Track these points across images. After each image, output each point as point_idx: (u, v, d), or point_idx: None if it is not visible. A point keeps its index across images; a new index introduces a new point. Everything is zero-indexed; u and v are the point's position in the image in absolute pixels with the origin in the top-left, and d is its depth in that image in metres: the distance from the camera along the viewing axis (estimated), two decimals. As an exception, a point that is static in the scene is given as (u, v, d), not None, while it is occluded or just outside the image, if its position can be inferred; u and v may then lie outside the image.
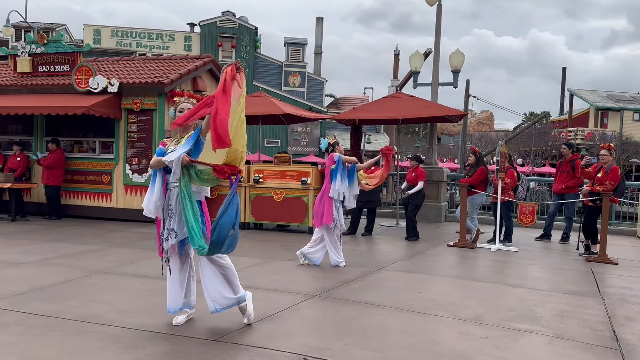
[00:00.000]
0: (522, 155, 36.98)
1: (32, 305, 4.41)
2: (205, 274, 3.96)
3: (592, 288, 5.86)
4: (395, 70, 35.40)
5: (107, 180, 10.53)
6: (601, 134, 33.90)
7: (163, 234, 3.96)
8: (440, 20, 12.87)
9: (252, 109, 10.73)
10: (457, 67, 12.72)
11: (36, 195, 10.92)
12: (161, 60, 11.57)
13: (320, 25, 36.86)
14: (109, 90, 10.15)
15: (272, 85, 32.13)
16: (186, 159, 3.78)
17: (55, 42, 11.06)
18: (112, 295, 4.86)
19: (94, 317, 4.13)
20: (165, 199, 3.98)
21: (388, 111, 11.33)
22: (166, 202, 3.96)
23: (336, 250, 6.59)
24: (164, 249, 3.99)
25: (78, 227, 9.45)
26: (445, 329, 4.17)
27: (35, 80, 10.95)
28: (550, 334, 4.12)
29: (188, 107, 4.09)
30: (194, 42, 32.75)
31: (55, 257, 6.59)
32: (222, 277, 3.98)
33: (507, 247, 8.47)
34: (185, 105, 4.14)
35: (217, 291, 3.96)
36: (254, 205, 9.66)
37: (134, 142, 10.34)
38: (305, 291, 5.17)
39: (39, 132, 11.06)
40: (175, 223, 3.92)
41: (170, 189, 3.93)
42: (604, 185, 7.61)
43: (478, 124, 55.34)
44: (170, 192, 3.93)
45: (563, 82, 43.01)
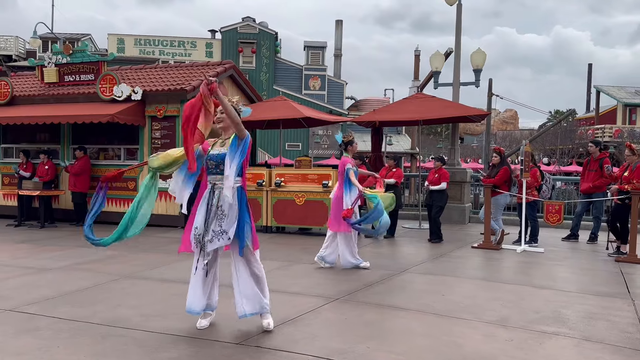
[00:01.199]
0: (548, 154, 36.33)
1: (61, 310, 4.50)
2: (241, 276, 3.96)
3: (622, 289, 5.73)
4: (416, 71, 35.17)
5: (132, 187, 10.70)
6: (630, 131, 33.12)
7: (207, 235, 3.84)
8: (460, 20, 12.76)
9: (272, 113, 10.81)
10: (479, 66, 12.59)
11: (64, 202, 11.16)
12: (183, 68, 11.73)
13: (339, 28, 36.89)
14: (133, 98, 10.33)
15: (293, 89, 32.26)
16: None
17: (81, 52, 11.31)
18: (138, 299, 4.93)
19: (120, 321, 4.20)
20: (208, 199, 3.90)
21: (409, 112, 11.27)
22: (211, 203, 3.86)
23: (351, 251, 6.53)
24: (206, 251, 3.88)
25: (105, 232, 9.56)
26: (470, 331, 4.12)
27: (62, 89, 11.20)
28: (577, 337, 4.03)
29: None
30: (215, 48, 33.11)
31: (83, 262, 6.72)
32: (254, 282, 3.98)
33: (533, 248, 8.33)
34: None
35: (252, 294, 3.94)
36: (275, 208, 9.71)
37: (158, 149, 10.48)
38: (328, 294, 5.17)
39: (66, 140, 11.31)
40: (227, 224, 3.82)
41: (215, 189, 3.90)
42: (632, 183, 7.45)
43: (502, 123, 54.62)
44: (215, 192, 3.88)
45: (589, 78, 42.20)
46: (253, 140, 12.80)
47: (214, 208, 3.84)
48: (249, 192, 9.91)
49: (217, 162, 3.91)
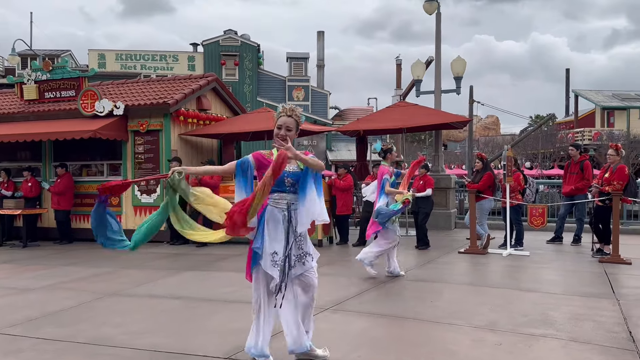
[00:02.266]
0: (530, 158, 36.77)
1: (44, 331, 4.42)
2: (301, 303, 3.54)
3: (606, 289, 5.80)
4: (398, 80, 35.46)
5: (116, 202, 10.57)
6: (608, 133, 33.69)
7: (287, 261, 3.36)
8: (440, 28, 12.92)
9: (257, 125, 10.80)
10: (459, 73, 12.75)
11: (47, 220, 11.00)
12: (165, 81, 11.69)
13: (321, 39, 37.11)
14: (115, 113, 10.25)
15: (276, 100, 32.28)
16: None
17: (61, 68, 11.22)
18: (124, 317, 4.87)
19: (105, 340, 4.14)
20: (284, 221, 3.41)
21: (392, 121, 11.35)
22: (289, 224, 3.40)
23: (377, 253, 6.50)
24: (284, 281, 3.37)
25: (89, 250, 9.49)
26: (460, 337, 4.13)
27: (42, 106, 11.09)
28: (565, 338, 4.07)
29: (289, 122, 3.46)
30: (198, 61, 33.07)
31: (67, 281, 6.62)
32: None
33: (518, 251, 8.40)
34: (284, 120, 3.46)
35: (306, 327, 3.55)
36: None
37: (142, 163, 10.41)
38: (317, 304, 5.13)
39: (48, 158, 11.17)
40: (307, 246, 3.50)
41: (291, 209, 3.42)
42: (613, 185, 7.56)
43: (484, 129, 55.17)
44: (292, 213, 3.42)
45: (567, 83, 42.88)
46: (238, 152, 12.81)
47: (293, 230, 3.41)
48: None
49: (294, 181, 3.40)
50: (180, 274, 6.98)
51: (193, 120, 10.81)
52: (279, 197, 3.40)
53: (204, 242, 9.57)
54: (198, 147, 11.26)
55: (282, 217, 3.39)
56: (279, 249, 3.36)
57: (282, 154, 3.12)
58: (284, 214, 3.39)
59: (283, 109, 3.49)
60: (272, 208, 3.40)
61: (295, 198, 3.41)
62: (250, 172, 3.39)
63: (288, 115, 3.45)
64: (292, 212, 3.40)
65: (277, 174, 3.15)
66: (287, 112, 3.47)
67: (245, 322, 4.56)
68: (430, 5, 12.67)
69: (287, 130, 3.41)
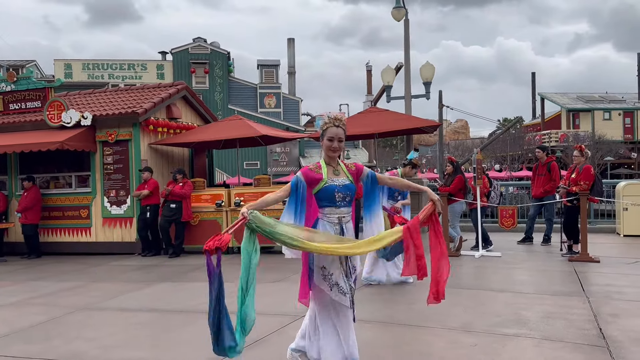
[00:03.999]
0: (499, 160, 37.49)
1: (14, 348, 4.29)
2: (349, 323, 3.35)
3: (577, 287, 5.93)
4: (369, 86, 35.77)
5: (85, 215, 10.37)
6: (574, 135, 34.60)
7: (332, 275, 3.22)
8: (408, 35, 13.10)
9: (229, 133, 10.74)
10: (428, 79, 12.93)
11: (14, 235, 10.69)
12: (134, 90, 11.54)
13: (292, 46, 37.21)
14: (83, 124, 10.06)
15: (248, 107, 32.20)
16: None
17: (25, 79, 10.96)
18: (96, 331, 4.76)
19: (78, 355, 4.04)
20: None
21: (364, 126, 11.42)
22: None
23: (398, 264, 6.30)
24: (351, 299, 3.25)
25: (58, 264, 9.26)
26: (435, 339, 4.17)
27: (7, 118, 10.80)
28: (537, 337, 4.14)
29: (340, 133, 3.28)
30: (167, 70, 32.74)
31: (36, 296, 6.44)
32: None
33: (490, 252, 8.53)
34: (335, 131, 3.27)
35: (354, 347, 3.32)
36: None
37: (111, 174, 10.23)
38: (293, 312, 5.12)
39: (13, 171, 10.88)
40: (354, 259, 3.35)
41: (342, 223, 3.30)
42: (579, 185, 7.76)
43: (454, 133, 56.06)
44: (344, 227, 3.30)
45: (533, 86, 43.94)
46: (210, 161, 12.70)
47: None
48: (208, 213, 9.81)
49: (344, 194, 3.28)
50: (153, 286, 6.86)
51: (163, 129, 10.68)
52: (330, 212, 3.28)
53: (178, 253, 9.47)
54: (169, 156, 11.13)
55: (334, 231, 3.26)
56: (328, 264, 3.21)
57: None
58: (335, 229, 3.27)
59: (329, 119, 3.30)
60: (324, 222, 3.28)
61: (346, 212, 3.31)
62: (303, 191, 3.27)
63: (336, 125, 3.28)
64: (343, 225, 3.30)
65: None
66: (334, 122, 3.28)
67: (221, 332, 4.52)
68: (398, 12, 12.84)
69: (339, 142, 3.28)
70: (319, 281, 3.22)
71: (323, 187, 3.24)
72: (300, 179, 3.27)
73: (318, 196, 3.26)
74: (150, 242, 9.83)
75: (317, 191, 3.26)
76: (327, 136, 3.27)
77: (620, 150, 35.08)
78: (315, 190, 3.26)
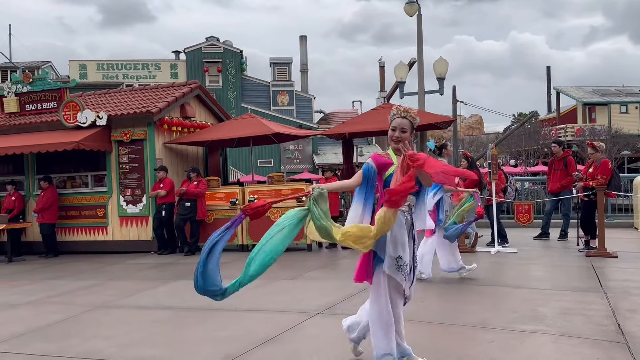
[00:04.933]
0: (515, 155, 37.12)
1: (32, 346, 4.35)
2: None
3: (594, 283, 5.85)
4: (382, 82, 35.68)
5: (101, 214, 10.48)
6: (590, 129, 34.14)
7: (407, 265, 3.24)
8: (421, 30, 13.01)
9: (242, 131, 10.77)
10: (442, 74, 12.83)
11: (32, 234, 10.85)
12: (148, 90, 11.62)
13: (304, 44, 37.19)
14: (98, 124, 10.16)
15: (261, 105, 32.27)
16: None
17: (41, 80, 11.10)
18: (113, 329, 4.81)
19: (95, 353, 4.08)
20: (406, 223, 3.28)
21: (377, 123, 11.36)
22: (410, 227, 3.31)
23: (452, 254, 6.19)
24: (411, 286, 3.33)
25: (75, 263, 9.38)
26: (451, 336, 4.14)
27: (23, 119, 10.95)
28: (555, 333, 4.09)
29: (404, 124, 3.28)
30: (180, 69, 32.93)
31: (54, 295, 6.53)
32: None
33: (506, 248, 8.46)
34: (399, 122, 3.29)
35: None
36: (251, 226, 9.63)
37: (127, 173, 10.32)
38: (308, 309, 5.13)
39: (30, 171, 11.03)
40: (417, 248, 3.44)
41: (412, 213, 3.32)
42: (597, 179, 7.66)
43: (468, 128, 55.63)
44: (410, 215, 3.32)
45: (548, 80, 43.44)
46: (224, 159, 12.75)
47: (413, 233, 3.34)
48: (222, 211, 9.85)
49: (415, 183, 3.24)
50: (169, 284, 6.92)
51: (177, 128, 10.75)
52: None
53: (193, 251, 9.52)
54: (183, 155, 11.20)
55: (405, 220, 3.27)
56: (403, 253, 3.22)
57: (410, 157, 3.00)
58: (406, 217, 3.28)
59: (397, 110, 3.33)
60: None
61: (414, 200, 3.30)
62: (374, 176, 3.26)
63: (402, 116, 3.29)
64: (413, 215, 3.32)
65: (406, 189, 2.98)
66: (401, 113, 3.31)
67: (235, 329, 4.54)
68: (411, 7, 12.75)
69: (402, 132, 3.26)
70: (392, 271, 3.20)
71: (394, 171, 3.18)
72: (371, 164, 3.25)
73: (388, 181, 3.21)
74: (166, 240, 9.91)
75: (388, 176, 3.23)
76: (392, 126, 3.30)
77: (637, 144, 34.51)
78: (387, 174, 3.24)
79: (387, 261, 3.19)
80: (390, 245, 3.19)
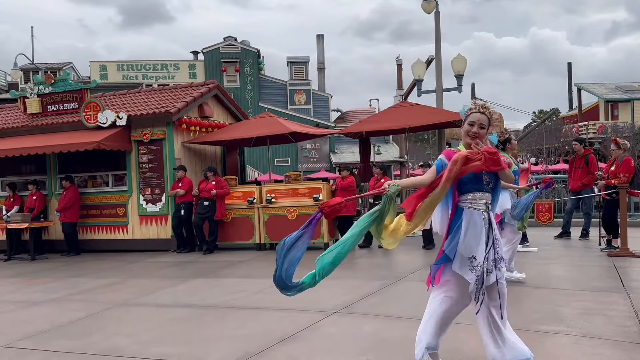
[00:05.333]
0: (535, 153, 36.63)
1: (55, 343, 4.43)
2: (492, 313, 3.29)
3: (616, 283, 5.76)
4: (399, 80, 35.42)
5: (122, 213, 10.62)
6: (613, 126, 33.53)
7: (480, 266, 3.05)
8: (439, 27, 12.91)
9: (259, 130, 10.82)
10: (460, 71, 12.73)
11: (54, 233, 11.04)
12: (167, 90, 11.74)
13: (321, 42, 37.17)
14: (118, 124, 10.29)
15: (278, 105, 32.37)
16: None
17: (62, 81, 11.28)
18: (133, 327, 4.87)
19: (117, 351, 4.14)
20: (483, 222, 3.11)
21: (395, 121, 11.32)
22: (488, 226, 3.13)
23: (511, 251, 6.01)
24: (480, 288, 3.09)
25: (96, 261, 9.52)
26: (468, 336, 4.11)
27: (45, 119, 11.14)
28: (576, 334, 4.04)
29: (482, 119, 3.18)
30: (199, 69, 33.18)
31: (76, 292, 6.64)
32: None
33: (526, 248, 8.36)
34: (478, 117, 3.18)
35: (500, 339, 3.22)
36: (268, 225, 9.68)
37: (146, 173, 10.44)
38: (325, 308, 5.14)
39: (52, 171, 11.22)
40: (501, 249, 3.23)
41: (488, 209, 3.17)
42: (619, 178, 7.53)
43: (487, 126, 55.05)
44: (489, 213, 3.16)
45: (569, 77, 42.74)
46: (241, 158, 12.83)
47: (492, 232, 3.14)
48: (240, 210, 9.91)
49: (489, 179, 3.14)
50: (188, 282, 6.99)
51: (195, 128, 10.84)
52: (478, 197, 3.11)
53: (212, 250, 9.60)
54: (202, 154, 11.29)
55: (482, 219, 3.11)
56: (477, 253, 3.05)
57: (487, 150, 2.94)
58: (483, 216, 3.12)
59: (475, 105, 3.23)
60: (471, 210, 3.10)
61: (490, 198, 3.17)
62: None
63: (481, 112, 3.18)
64: (490, 213, 3.16)
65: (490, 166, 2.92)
66: (479, 108, 3.20)
67: (253, 327, 4.57)
68: (429, 4, 12.66)
69: (480, 128, 3.15)
70: (463, 271, 3.06)
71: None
72: (444, 160, 3.12)
73: (462, 179, 3.07)
74: (185, 239, 10.01)
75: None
76: (469, 121, 3.19)
77: (661, 141, 33.82)
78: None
79: (457, 260, 3.07)
80: (462, 244, 3.06)
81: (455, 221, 3.11)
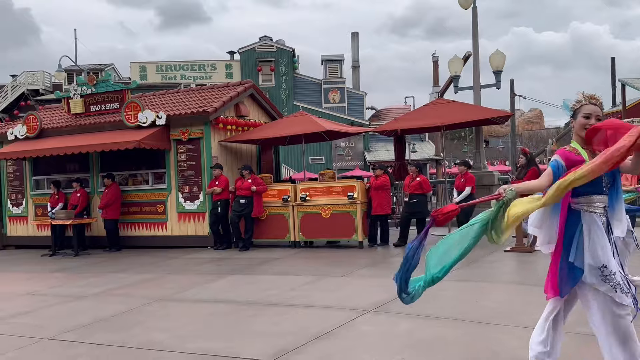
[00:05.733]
0: (576, 151, 35.58)
1: (97, 336, 4.58)
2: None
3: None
4: (435, 77, 34.99)
5: (161, 210, 10.87)
6: (660, 123, 32.31)
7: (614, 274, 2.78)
8: (476, 22, 12.70)
9: (294, 129, 10.88)
10: (499, 67, 12.49)
11: (96, 229, 11.39)
12: (204, 90, 11.94)
13: (355, 40, 37.05)
14: (157, 123, 10.53)
15: (313, 103, 32.44)
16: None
17: (104, 82, 11.61)
18: (172, 321, 4.99)
19: (155, 344, 4.25)
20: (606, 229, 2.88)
21: (430, 118, 11.19)
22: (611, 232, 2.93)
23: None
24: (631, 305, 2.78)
25: (137, 257, 9.77)
26: (505, 337, 4.04)
27: (88, 119, 11.50)
28: None
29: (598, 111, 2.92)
30: (235, 69, 33.58)
31: (117, 287, 6.84)
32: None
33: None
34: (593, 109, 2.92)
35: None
36: (302, 223, 9.72)
37: (185, 171, 10.65)
38: (360, 306, 5.14)
39: (95, 169, 11.57)
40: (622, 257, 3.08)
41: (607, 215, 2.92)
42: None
43: (527, 123, 53.64)
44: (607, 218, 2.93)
45: (613, 72, 41.20)
46: (276, 157, 12.94)
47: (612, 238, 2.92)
48: (275, 208, 10.00)
49: (609, 180, 2.89)
50: (225, 278, 7.10)
51: (232, 127, 11.00)
52: (595, 200, 2.86)
53: (247, 247, 9.73)
54: (237, 153, 11.44)
55: (602, 222, 2.87)
56: (607, 261, 2.79)
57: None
58: (603, 220, 2.88)
59: (584, 97, 2.98)
60: (590, 214, 2.85)
61: (607, 200, 2.91)
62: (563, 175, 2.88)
63: (593, 103, 2.94)
64: (608, 217, 2.93)
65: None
66: (590, 100, 2.95)
67: (288, 324, 4.62)
68: (466, 0, 12.47)
69: (597, 120, 2.90)
70: (597, 282, 2.79)
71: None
72: (560, 162, 2.89)
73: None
74: (222, 235, 10.16)
75: None
76: (583, 113, 2.92)
77: None
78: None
79: (587, 270, 2.82)
80: (588, 253, 2.81)
81: (571, 226, 2.88)
